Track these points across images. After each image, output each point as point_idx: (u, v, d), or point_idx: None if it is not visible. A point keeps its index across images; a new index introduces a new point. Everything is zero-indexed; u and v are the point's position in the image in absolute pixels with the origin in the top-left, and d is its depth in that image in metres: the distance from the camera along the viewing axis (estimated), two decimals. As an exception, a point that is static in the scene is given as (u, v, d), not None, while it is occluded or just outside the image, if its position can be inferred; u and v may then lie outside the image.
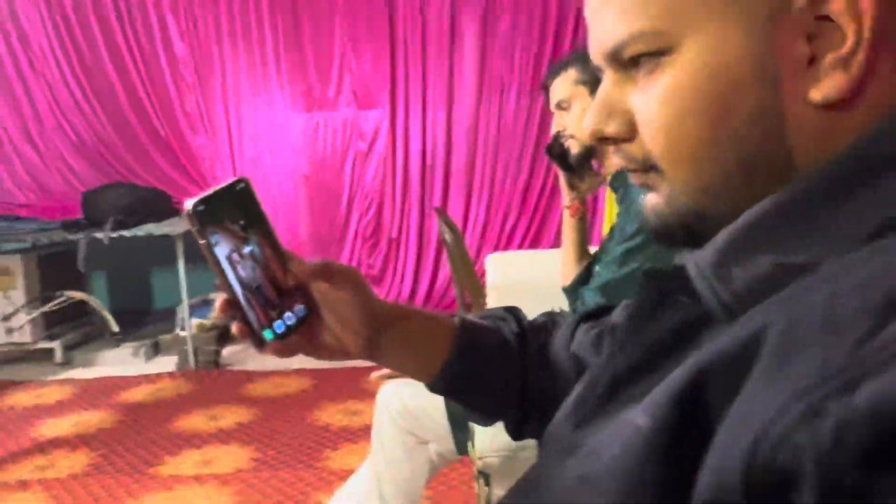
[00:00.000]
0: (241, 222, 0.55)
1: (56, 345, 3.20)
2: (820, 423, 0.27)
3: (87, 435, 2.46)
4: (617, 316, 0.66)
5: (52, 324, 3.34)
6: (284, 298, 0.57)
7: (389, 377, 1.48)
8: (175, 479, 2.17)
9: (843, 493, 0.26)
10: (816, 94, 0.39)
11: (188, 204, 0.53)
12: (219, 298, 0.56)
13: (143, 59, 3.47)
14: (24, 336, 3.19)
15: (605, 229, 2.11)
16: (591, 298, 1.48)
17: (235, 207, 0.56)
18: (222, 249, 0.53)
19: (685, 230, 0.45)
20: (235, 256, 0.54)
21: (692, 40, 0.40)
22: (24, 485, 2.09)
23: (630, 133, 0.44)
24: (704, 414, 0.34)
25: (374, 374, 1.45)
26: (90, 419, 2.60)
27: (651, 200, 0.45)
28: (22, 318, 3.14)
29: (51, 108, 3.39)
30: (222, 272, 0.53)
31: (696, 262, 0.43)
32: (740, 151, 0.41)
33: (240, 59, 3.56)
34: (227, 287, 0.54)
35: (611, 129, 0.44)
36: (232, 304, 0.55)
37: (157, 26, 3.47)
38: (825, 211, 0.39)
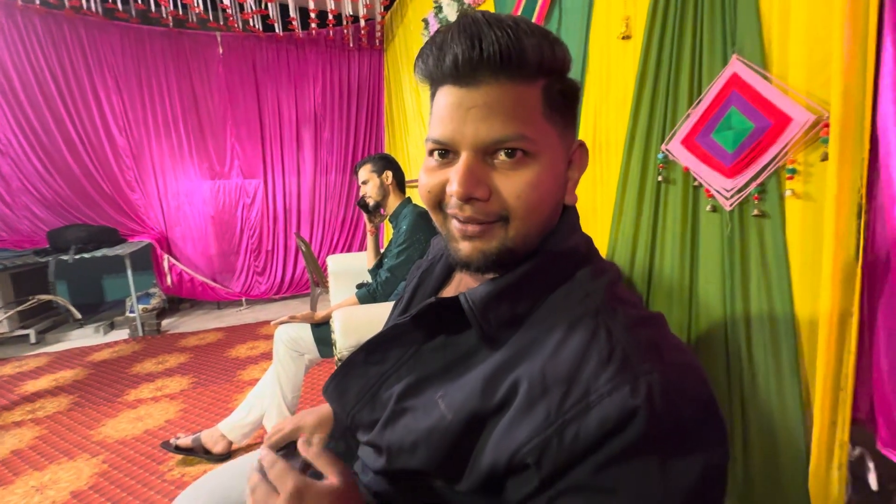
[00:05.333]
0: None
1: (30, 331, 2.89)
2: (547, 445, 0.33)
3: (66, 385, 2.23)
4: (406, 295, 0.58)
5: (25, 317, 2.97)
6: None
7: (282, 322, 1.53)
8: (138, 401, 2.00)
9: (563, 475, 0.33)
10: (567, 198, 0.44)
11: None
12: None
13: (91, 144, 3.17)
14: (3, 328, 2.81)
15: (386, 241, 2.24)
16: (383, 274, 1.53)
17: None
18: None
19: (495, 265, 0.41)
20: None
21: (545, 152, 0.39)
22: (18, 424, 1.83)
23: (488, 197, 0.39)
24: (480, 426, 0.37)
25: (273, 322, 1.54)
26: (66, 375, 2.35)
27: (475, 247, 0.40)
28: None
29: (17, 175, 2.99)
30: None
31: (468, 300, 0.41)
32: (548, 217, 0.42)
33: (163, 146, 3.37)
34: None
35: (478, 193, 0.39)
36: None
37: (101, 123, 3.18)
38: (532, 287, 0.41)
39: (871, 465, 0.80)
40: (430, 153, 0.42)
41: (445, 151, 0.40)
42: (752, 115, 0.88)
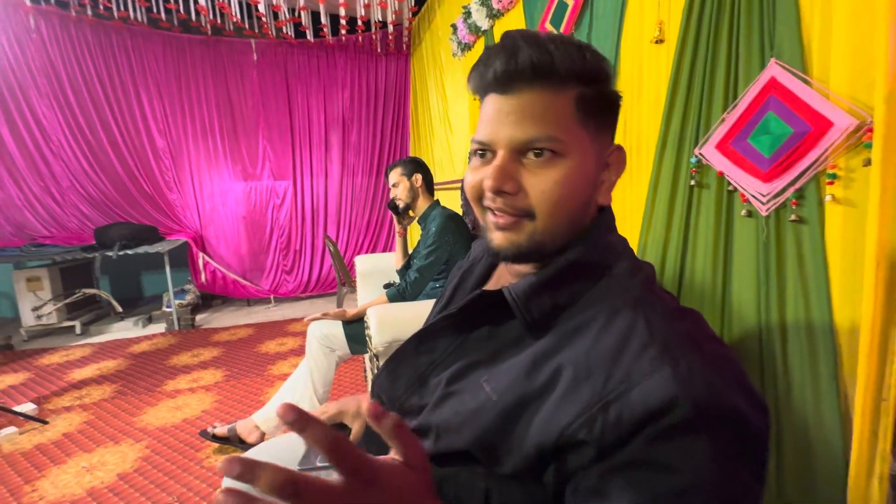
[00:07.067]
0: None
1: (76, 322, 3.06)
2: (594, 422, 0.34)
3: (109, 374, 2.34)
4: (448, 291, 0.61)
5: (71, 310, 3.15)
6: None
7: (315, 319, 1.56)
8: (176, 392, 2.09)
9: (615, 452, 0.33)
10: (601, 199, 0.46)
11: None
12: None
13: (134, 147, 3.35)
14: (51, 319, 3.02)
15: (413, 243, 2.25)
16: (412, 274, 1.55)
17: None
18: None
19: (525, 256, 0.44)
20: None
21: (574, 153, 0.42)
22: (68, 409, 1.95)
23: (517, 191, 0.42)
24: (522, 407, 0.39)
25: (306, 318, 1.57)
26: (109, 365, 2.48)
27: (506, 237, 0.43)
28: (49, 308, 3.00)
29: (66, 175, 3.19)
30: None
31: (511, 292, 0.44)
32: (576, 214, 0.44)
33: (199, 149, 3.53)
34: None
35: (507, 187, 0.41)
36: None
37: (143, 127, 3.36)
38: (571, 281, 0.43)
39: (914, 478, 0.77)
40: (474, 153, 0.46)
41: (485, 151, 0.44)
42: (791, 119, 0.87)
